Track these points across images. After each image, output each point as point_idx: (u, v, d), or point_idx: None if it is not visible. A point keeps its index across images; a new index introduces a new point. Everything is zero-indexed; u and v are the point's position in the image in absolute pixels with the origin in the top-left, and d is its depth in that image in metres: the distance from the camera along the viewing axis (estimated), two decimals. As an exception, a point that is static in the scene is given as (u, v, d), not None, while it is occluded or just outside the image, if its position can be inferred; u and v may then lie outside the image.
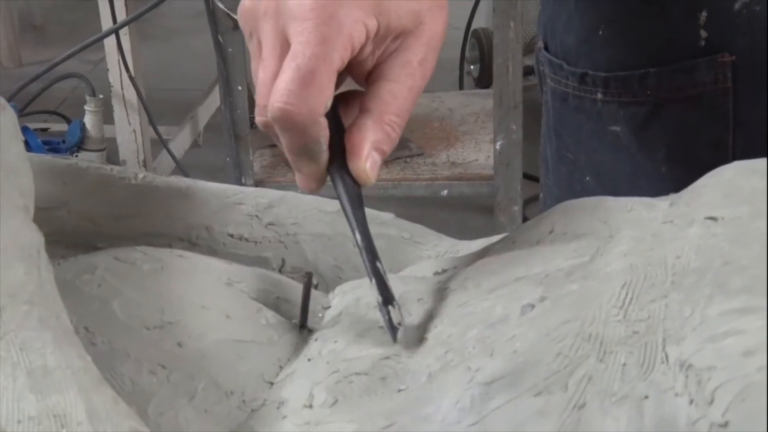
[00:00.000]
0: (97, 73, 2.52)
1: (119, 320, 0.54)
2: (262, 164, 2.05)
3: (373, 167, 0.56)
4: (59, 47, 2.87)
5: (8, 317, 0.48)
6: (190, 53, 2.92)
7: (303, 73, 0.52)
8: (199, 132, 2.42)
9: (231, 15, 1.82)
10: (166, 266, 0.58)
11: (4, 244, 0.50)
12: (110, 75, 2.05)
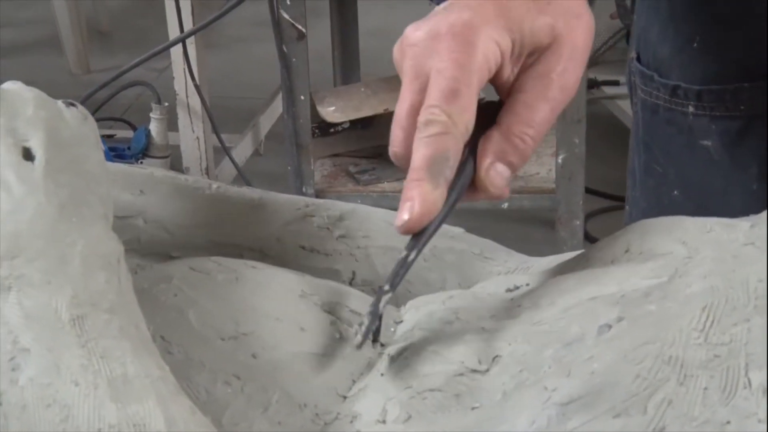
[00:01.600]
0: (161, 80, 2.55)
1: (195, 330, 0.55)
2: (323, 174, 2.06)
3: (495, 178, 0.55)
4: (126, 54, 2.91)
5: (90, 325, 0.48)
6: (251, 62, 2.94)
7: (443, 92, 0.52)
8: (261, 140, 2.44)
9: (296, 25, 1.83)
10: (241, 277, 0.58)
11: (86, 253, 0.51)
12: (175, 83, 2.08)
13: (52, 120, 0.56)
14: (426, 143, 0.53)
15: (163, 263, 0.62)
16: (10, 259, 0.49)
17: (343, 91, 1.96)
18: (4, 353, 0.48)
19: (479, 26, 0.53)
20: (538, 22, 0.55)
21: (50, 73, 2.71)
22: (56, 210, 0.52)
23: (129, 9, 3.24)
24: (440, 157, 0.53)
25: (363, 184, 1.97)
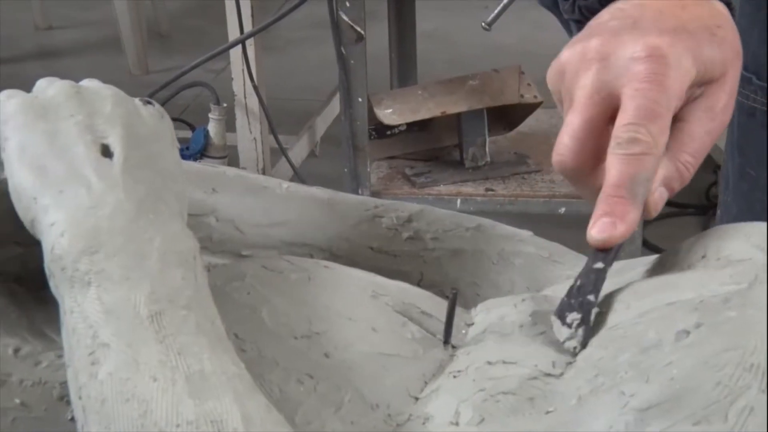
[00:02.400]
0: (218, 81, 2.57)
1: (268, 328, 0.55)
2: (378, 176, 2.06)
3: (659, 201, 0.56)
4: (184, 55, 2.94)
5: (168, 321, 0.49)
6: (307, 63, 2.95)
7: (647, 113, 0.53)
8: (317, 142, 2.44)
9: (355, 27, 1.83)
10: (313, 276, 0.58)
11: (164, 249, 0.51)
12: (234, 84, 2.09)
13: (129, 117, 0.57)
14: (628, 161, 0.53)
15: (236, 261, 0.62)
16: (90, 255, 0.50)
17: (400, 94, 1.96)
18: (83, 347, 0.48)
19: (677, 53, 0.54)
20: (715, 55, 0.56)
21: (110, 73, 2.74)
22: (134, 206, 0.52)
23: (187, 11, 3.27)
24: (641, 177, 0.53)
25: (419, 187, 1.96)
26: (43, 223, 0.52)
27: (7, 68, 2.80)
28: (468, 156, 1.94)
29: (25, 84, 2.17)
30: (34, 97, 0.57)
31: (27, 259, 0.58)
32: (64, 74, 2.12)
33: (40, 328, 0.55)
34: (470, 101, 1.88)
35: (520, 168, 1.96)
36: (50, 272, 0.51)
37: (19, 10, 3.09)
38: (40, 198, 0.52)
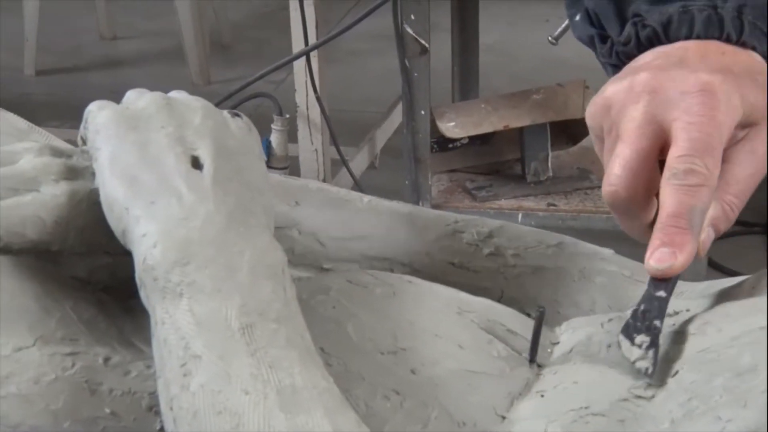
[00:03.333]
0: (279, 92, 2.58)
1: (354, 343, 0.55)
2: (439, 189, 2.05)
3: (706, 241, 0.56)
4: (245, 66, 2.96)
5: (258, 334, 0.49)
6: (367, 75, 2.96)
7: (702, 145, 0.53)
8: (376, 154, 2.45)
9: (419, 40, 1.83)
10: (398, 291, 0.58)
11: (254, 262, 0.51)
12: (297, 95, 2.10)
13: (218, 129, 0.57)
14: (686, 192, 0.53)
15: (319, 274, 0.62)
16: (182, 266, 0.50)
17: (463, 107, 1.95)
18: (175, 359, 0.48)
19: (727, 90, 0.55)
20: (758, 99, 0.57)
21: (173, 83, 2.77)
22: (225, 218, 0.52)
23: (249, 22, 3.30)
24: (698, 209, 0.53)
25: (480, 201, 1.96)
26: (134, 233, 0.52)
27: (72, 77, 2.85)
28: (530, 170, 1.93)
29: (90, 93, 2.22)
30: (125, 108, 0.58)
31: (115, 268, 0.58)
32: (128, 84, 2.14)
33: (128, 337, 0.55)
34: (533, 115, 1.87)
35: (582, 183, 1.94)
36: (141, 283, 0.51)
37: (85, 20, 3.14)
38: (132, 208, 0.53)
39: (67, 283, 0.57)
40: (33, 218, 0.55)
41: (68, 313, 0.54)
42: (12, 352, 0.51)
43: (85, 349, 0.53)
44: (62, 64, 2.90)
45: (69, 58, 2.96)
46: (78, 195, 0.56)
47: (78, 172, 0.57)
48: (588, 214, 1.91)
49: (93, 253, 0.58)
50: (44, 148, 0.58)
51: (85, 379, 0.52)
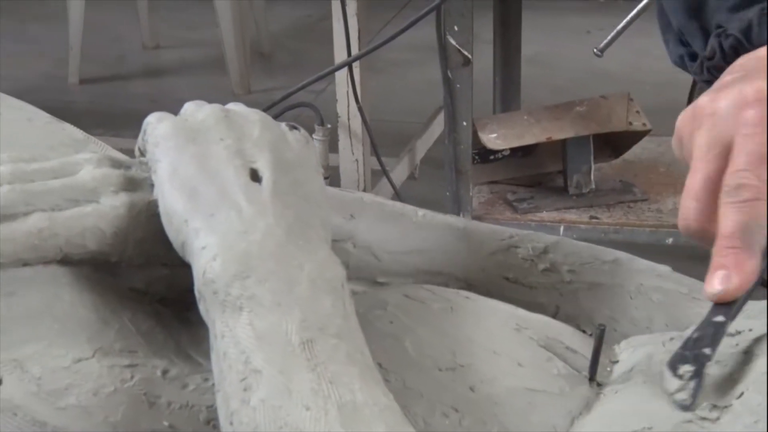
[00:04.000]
0: (319, 102, 2.59)
1: (412, 359, 0.54)
2: (480, 200, 2.04)
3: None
4: (284, 76, 2.97)
5: (319, 349, 0.48)
6: (407, 86, 2.96)
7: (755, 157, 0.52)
8: (416, 165, 2.44)
9: (462, 51, 1.83)
10: (456, 307, 0.58)
11: (313, 276, 0.51)
12: (338, 105, 2.10)
13: (276, 142, 0.57)
14: (738, 209, 0.52)
15: (376, 289, 0.62)
16: (242, 279, 0.50)
17: (506, 119, 1.95)
18: (235, 373, 0.48)
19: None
20: None
21: (213, 92, 2.79)
22: (284, 232, 0.52)
23: (289, 32, 3.31)
24: (754, 224, 0.52)
25: (521, 213, 1.94)
26: (194, 246, 0.52)
27: (115, 86, 2.87)
28: (572, 183, 1.92)
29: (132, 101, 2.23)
30: (184, 120, 0.58)
31: (172, 280, 0.58)
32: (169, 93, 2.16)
33: (185, 350, 0.55)
34: (577, 127, 1.86)
35: (625, 196, 1.93)
36: (201, 296, 0.51)
37: (128, 29, 3.17)
38: (191, 221, 0.53)
39: (125, 294, 0.57)
40: (93, 229, 0.55)
41: (126, 324, 0.54)
42: (72, 363, 0.51)
43: (144, 361, 0.53)
44: (105, 73, 2.93)
45: (112, 67, 2.99)
46: (137, 206, 0.56)
47: (137, 183, 0.57)
48: (631, 227, 1.90)
49: (150, 265, 0.58)
50: (103, 159, 0.58)
51: (143, 392, 0.51)
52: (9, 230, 0.53)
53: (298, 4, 3.56)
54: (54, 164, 0.57)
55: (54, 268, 0.55)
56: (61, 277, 0.55)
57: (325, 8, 3.54)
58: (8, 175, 0.55)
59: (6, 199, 0.54)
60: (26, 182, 0.55)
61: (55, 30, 3.12)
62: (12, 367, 0.51)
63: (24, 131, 0.67)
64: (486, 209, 2.03)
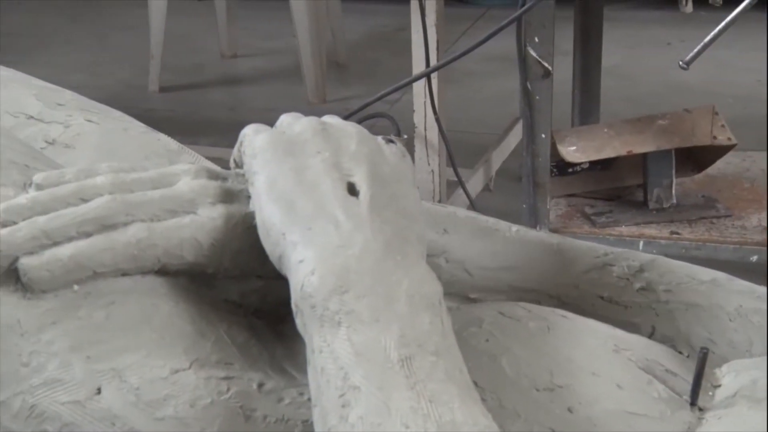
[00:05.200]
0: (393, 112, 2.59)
1: (508, 378, 0.53)
2: (557, 213, 2.02)
3: None
4: (359, 85, 2.99)
5: (417, 367, 0.48)
6: (483, 97, 2.95)
7: None
8: (491, 176, 2.43)
9: (542, 63, 1.81)
10: (552, 326, 0.57)
11: (411, 292, 0.50)
12: (415, 116, 2.10)
13: (373, 156, 0.57)
14: None
15: (470, 305, 0.61)
16: (340, 294, 0.50)
17: (585, 131, 1.92)
18: (333, 389, 0.48)
19: None
20: None
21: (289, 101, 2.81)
22: (382, 247, 0.52)
23: (365, 42, 3.32)
24: None
25: (599, 227, 1.92)
26: (291, 259, 0.52)
27: (193, 94, 2.91)
28: (652, 197, 1.89)
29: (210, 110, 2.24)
30: (281, 133, 0.58)
31: (267, 292, 0.58)
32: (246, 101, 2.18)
33: (280, 363, 0.55)
34: (658, 141, 1.83)
35: (708, 212, 1.89)
36: (298, 309, 0.51)
37: (207, 39, 3.21)
38: (289, 234, 0.53)
39: (221, 306, 0.57)
40: (190, 240, 0.55)
41: (222, 336, 0.54)
42: (169, 374, 0.52)
43: (240, 374, 0.53)
44: (184, 82, 2.97)
45: (190, 75, 3.03)
46: (234, 218, 0.56)
47: (233, 195, 0.57)
48: (714, 243, 1.86)
49: (246, 277, 0.58)
50: (201, 170, 0.58)
51: (239, 405, 0.51)
52: (109, 240, 0.54)
53: (373, 14, 3.57)
54: (153, 175, 0.57)
55: (152, 279, 0.55)
56: (158, 287, 0.55)
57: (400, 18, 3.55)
58: (109, 185, 0.56)
59: (106, 208, 0.54)
60: (126, 192, 0.56)
61: (136, 39, 3.18)
62: (110, 377, 0.51)
63: (121, 141, 0.68)
64: (563, 222, 2.00)
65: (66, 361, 0.51)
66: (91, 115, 0.69)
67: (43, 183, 0.56)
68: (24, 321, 0.52)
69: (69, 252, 0.52)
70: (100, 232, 0.54)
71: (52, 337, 0.52)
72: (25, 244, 0.52)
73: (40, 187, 0.56)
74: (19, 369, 0.51)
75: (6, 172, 0.56)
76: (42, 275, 0.52)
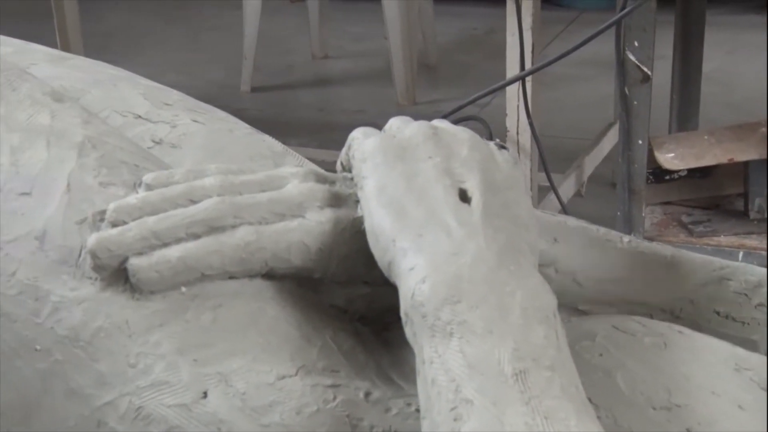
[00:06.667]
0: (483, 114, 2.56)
1: (624, 395, 0.51)
2: (652, 221, 1.98)
3: None
4: (449, 87, 2.97)
5: (532, 382, 0.46)
6: (575, 101, 2.90)
7: None
8: (583, 182, 2.39)
9: (641, 68, 1.77)
10: (669, 342, 0.54)
11: (525, 304, 0.49)
12: (507, 120, 2.08)
13: (485, 162, 0.55)
14: None
15: (582, 318, 0.59)
16: (452, 304, 0.48)
17: (684, 138, 1.88)
18: (444, 401, 0.46)
19: None
20: None
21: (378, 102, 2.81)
22: (495, 256, 0.50)
23: (455, 45, 3.30)
24: None
25: (696, 236, 1.87)
26: (401, 266, 0.51)
27: (283, 95, 2.93)
28: (754, 206, 1.83)
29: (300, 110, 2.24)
30: (392, 137, 0.56)
31: (373, 298, 0.57)
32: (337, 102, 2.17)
33: (387, 372, 0.54)
34: (762, 149, 1.77)
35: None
36: (408, 318, 0.50)
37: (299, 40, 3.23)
38: (399, 240, 0.51)
39: (327, 311, 0.56)
40: (298, 244, 0.54)
41: (329, 342, 0.54)
42: (276, 380, 0.51)
43: (346, 382, 0.52)
44: (275, 82, 3.00)
45: (282, 76, 3.05)
46: (342, 223, 0.55)
47: (342, 199, 0.56)
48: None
49: (352, 282, 0.57)
50: (309, 173, 0.57)
51: (346, 414, 0.50)
52: (218, 242, 0.53)
53: (464, 16, 3.55)
54: (261, 177, 0.57)
55: (259, 282, 0.54)
56: (265, 291, 0.54)
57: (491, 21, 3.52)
58: (218, 187, 0.55)
59: (216, 210, 0.54)
60: (234, 194, 0.55)
61: (229, 39, 3.21)
62: (217, 381, 0.51)
63: (226, 142, 0.68)
64: (659, 231, 1.96)
65: (173, 363, 0.51)
66: (197, 115, 0.69)
67: (153, 183, 0.56)
68: (132, 322, 0.52)
69: (178, 253, 0.52)
70: (208, 234, 0.53)
71: (160, 339, 0.51)
72: (134, 244, 0.52)
73: (149, 188, 0.55)
74: (126, 370, 0.51)
75: (117, 172, 0.56)
76: (151, 276, 0.52)
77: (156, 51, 3.32)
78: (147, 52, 3.30)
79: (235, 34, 2.99)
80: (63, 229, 0.54)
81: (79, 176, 0.55)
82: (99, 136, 0.58)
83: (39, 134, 0.57)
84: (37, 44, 0.76)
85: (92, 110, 0.65)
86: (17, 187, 0.55)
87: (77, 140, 0.57)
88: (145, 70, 0.95)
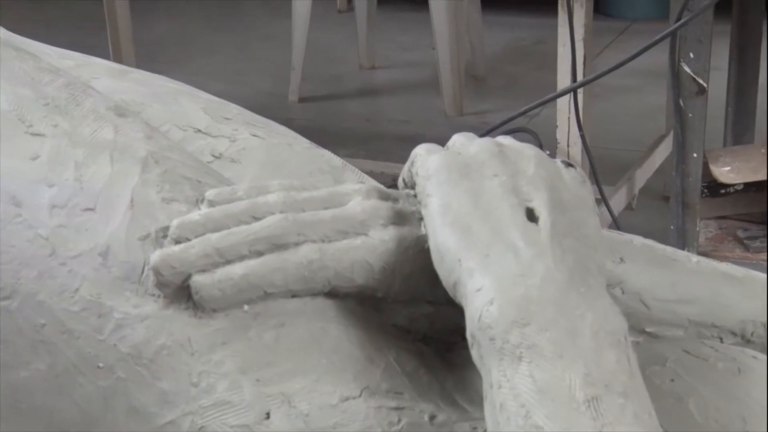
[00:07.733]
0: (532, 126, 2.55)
1: (696, 423, 0.50)
2: (707, 236, 1.95)
3: None
4: (496, 99, 2.95)
5: (605, 408, 0.45)
6: (626, 113, 2.87)
7: None
8: (634, 195, 2.36)
9: (697, 79, 1.74)
10: (743, 367, 0.53)
11: (596, 327, 0.48)
12: (558, 131, 2.06)
13: (553, 180, 0.54)
14: None
15: (651, 341, 0.57)
16: (521, 327, 0.47)
17: (740, 151, 1.85)
18: (514, 427, 0.45)
19: None
20: None
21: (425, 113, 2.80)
22: (564, 277, 0.49)
23: (502, 56, 3.29)
24: None
25: (753, 252, 1.84)
26: (467, 287, 0.50)
27: (331, 105, 2.93)
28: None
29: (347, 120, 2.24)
30: (456, 154, 0.55)
31: (436, 318, 0.56)
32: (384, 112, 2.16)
33: (451, 394, 0.53)
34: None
35: None
36: (474, 340, 0.49)
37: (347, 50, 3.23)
38: (465, 260, 0.50)
39: (389, 331, 0.55)
40: (361, 263, 0.53)
41: (392, 363, 0.53)
42: (339, 401, 0.50)
43: (410, 404, 0.51)
44: (323, 92, 3.00)
45: (329, 86, 3.06)
46: (405, 241, 0.54)
47: (405, 216, 0.56)
48: None
49: (415, 302, 0.56)
50: (372, 190, 0.57)
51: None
52: (280, 260, 0.53)
53: (512, 27, 3.53)
54: (323, 194, 0.56)
55: (321, 301, 0.54)
56: (327, 310, 0.54)
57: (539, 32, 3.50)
58: (281, 204, 0.55)
59: (279, 228, 0.53)
60: (297, 211, 0.54)
61: (277, 49, 3.23)
62: (280, 402, 0.50)
63: (285, 156, 0.67)
64: (713, 246, 1.93)
65: (236, 382, 0.50)
66: (256, 129, 0.69)
67: (216, 199, 0.55)
68: (195, 340, 0.51)
69: (241, 271, 0.52)
70: (271, 252, 0.53)
71: (222, 358, 0.51)
72: (197, 261, 0.52)
73: (212, 204, 0.55)
74: (189, 389, 0.50)
75: (179, 187, 0.56)
76: (214, 294, 0.51)
77: (205, 59, 3.34)
78: (196, 61, 3.32)
79: (284, 44, 3.00)
80: (126, 245, 0.53)
81: (143, 192, 0.55)
82: (161, 151, 0.58)
83: (103, 149, 0.57)
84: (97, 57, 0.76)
85: (153, 124, 0.65)
86: (82, 202, 0.55)
87: (140, 155, 0.57)
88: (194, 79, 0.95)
